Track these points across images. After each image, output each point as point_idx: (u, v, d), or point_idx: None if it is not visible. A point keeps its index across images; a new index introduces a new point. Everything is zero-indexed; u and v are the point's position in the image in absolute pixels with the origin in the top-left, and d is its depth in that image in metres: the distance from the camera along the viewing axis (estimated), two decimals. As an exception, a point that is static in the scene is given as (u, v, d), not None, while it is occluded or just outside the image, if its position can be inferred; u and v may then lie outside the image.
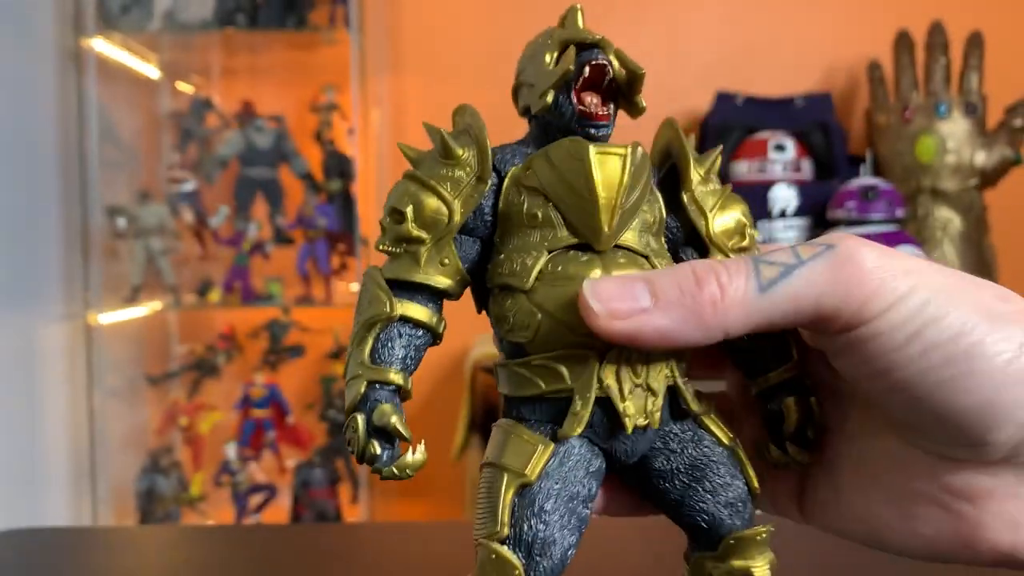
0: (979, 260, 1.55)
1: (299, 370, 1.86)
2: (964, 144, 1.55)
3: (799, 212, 1.53)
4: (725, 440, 0.32)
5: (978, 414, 0.27)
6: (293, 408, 1.79)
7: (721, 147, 0.35)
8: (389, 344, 0.30)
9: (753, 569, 0.31)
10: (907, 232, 1.49)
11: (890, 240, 1.42)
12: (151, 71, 1.86)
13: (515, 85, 0.34)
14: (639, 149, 0.31)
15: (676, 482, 0.32)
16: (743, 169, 1.61)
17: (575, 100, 0.31)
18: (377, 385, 0.29)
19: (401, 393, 0.30)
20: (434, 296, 0.31)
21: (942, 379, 0.27)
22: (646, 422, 0.30)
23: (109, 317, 1.69)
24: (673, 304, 0.28)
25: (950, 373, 0.27)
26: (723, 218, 0.33)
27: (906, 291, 0.28)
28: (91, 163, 1.66)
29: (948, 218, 1.55)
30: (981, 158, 1.55)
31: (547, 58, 0.32)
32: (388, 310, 0.30)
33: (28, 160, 1.58)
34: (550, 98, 0.31)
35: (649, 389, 0.30)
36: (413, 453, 0.29)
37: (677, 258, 0.33)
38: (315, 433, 1.79)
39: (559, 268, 0.30)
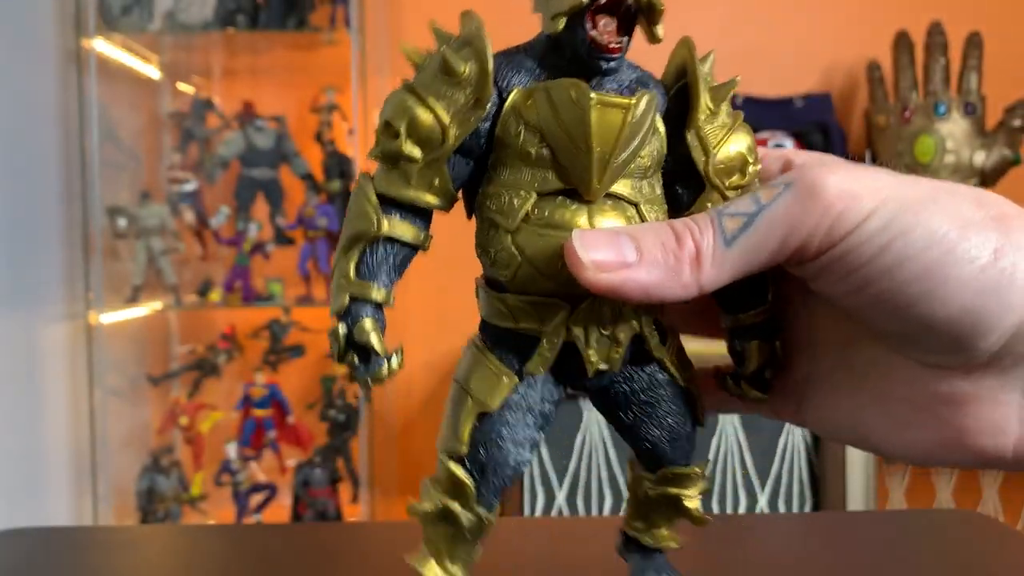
0: (979, 260, 1.55)
1: (299, 370, 1.87)
2: (963, 144, 1.55)
3: (799, 212, 1.53)
4: (681, 380, 0.34)
5: (958, 322, 0.27)
6: (293, 408, 1.79)
7: (739, 77, 0.34)
8: (373, 260, 0.31)
9: (683, 498, 0.35)
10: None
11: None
12: (152, 72, 1.86)
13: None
14: (643, 100, 0.30)
15: (629, 413, 0.34)
16: (743, 169, 1.61)
17: (588, 24, 0.30)
18: (360, 299, 0.30)
19: (383, 307, 0.31)
20: (422, 212, 0.31)
21: (920, 291, 0.27)
22: (607, 367, 0.32)
23: (110, 317, 1.69)
24: (656, 261, 0.28)
25: (927, 284, 0.27)
26: (727, 149, 0.32)
27: (873, 207, 0.28)
28: (92, 163, 1.66)
29: (948, 218, 1.56)
30: (980, 158, 1.55)
31: None
32: (375, 228, 0.30)
33: (29, 160, 1.58)
34: (562, 24, 0.30)
35: (615, 339, 0.31)
36: (388, 364, 0.30)
37: (672, 191, 0.33)
38: (315, 433, 1.79)
39: (545, 213, 0.30)
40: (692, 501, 0.35)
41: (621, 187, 0.31)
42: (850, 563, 0.52)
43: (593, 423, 1.29)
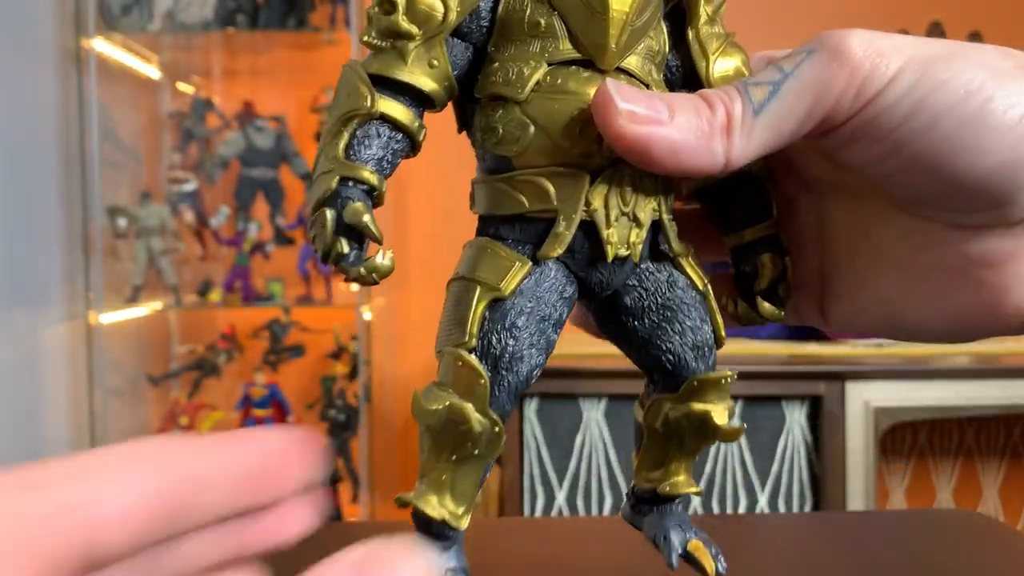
0: (979, 260, 1.55)
1: (299, 370, 1.87)
2: (964, 144, 1.55)
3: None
4: (699, 284, 0.32)
5: (999, 175, 0.26)
6: (293, 408, 1.79)
7: None
8: (366, 141, 0.28)
9: (712, 412, 0.31)
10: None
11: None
12: (152, 71, 1.86)
13: None
14: None
15: (646, 320, 0.31)
16: (743, 169, 1.61)
17: None
18: (350, 182, 0.27)
19: (374, 197, 0.28)
20: (417, 100, 0.29)
21: (958, 145, 0.26)
22: (627, 253, 0.30)
23: (110, 317, 1.69)
24: (688, 124, 0.27)
25: (965, 138, 0.26)
26: (724, 63, 0.32)
27: (901, 64, 0.27)
28: (92, 163, 1.66)
29: (948, 218, 1.56)
30: (981, 158, 1.55)
31: None
32: (369, 105, 0.28)
33: (29, 160, 1.58)
34: None
35: (635, 219, 0.29)
36: (384, 256, 0.28)
37: None
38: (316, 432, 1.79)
39: (558, 81, 0.28)
40: (721, 417, 0.31)
41: (633, 64, 0.29)
42: (850, 563, 0.52)
43: (593, 423, 1.29)
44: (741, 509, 1.32)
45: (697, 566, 0.32)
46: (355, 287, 1.73)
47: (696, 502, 1.33)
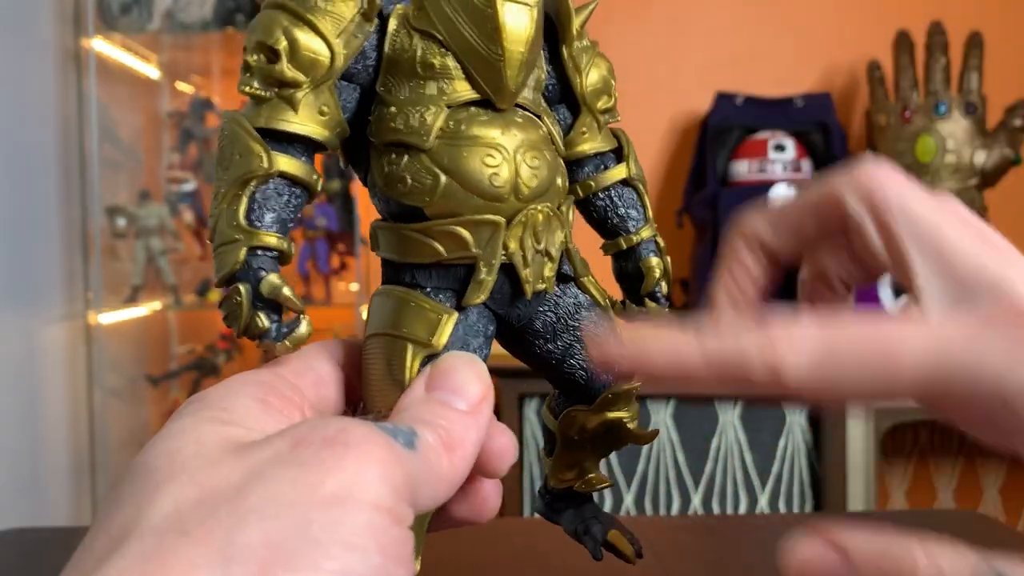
0: (979, 260, 1.55)
1: (299, 370, 1.86)
2: (964, 144, 1.55)
3: (799, 212, 1.53)
4: (601, 301, 0.33)
5: None
6: (293, 408, 1.79)
7: (596, 2, 0.33)
8: (267, 204, 0.27)
9: (625, 420, 0.33)
10: (907, 232, 1.49)
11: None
12: (151, 71, 1.86)
13: None
14: (541, 1, 0.29)
15: (558, 342, 0.32)
16: (743, 169, 1.61)
17: None
18: (259, 251, 0.26)
19: (282, 258, 0.27)
20: (309, 148, 0.28)
21: None
22: (543, 287, 0.30)
23: (109, 317, 1.69)
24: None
25: None
26: (593, 77, 0.33)
27: None
28: (91, 163, 1.66)
29: (948, 218, 1.55)
30: (981, 158, 1.55)
31: None
32: (265, 165, 0.26)
33: (28, 160, 1.58)
34: None
35: (547, 255, 0.30)
36: (304, 323, 0.27)
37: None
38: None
39: (462, 127, 0.28)
40: (632, 422, 0.34)
41: (527, 99, 0.29)
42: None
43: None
44: (741, 509, 1.32)
45: (618, 553, 0.35)
46: (354, 287, 1.74)
47: (696, 502, 1.33)
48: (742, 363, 0.24)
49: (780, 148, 1.60)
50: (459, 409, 0.25)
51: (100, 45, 1.68)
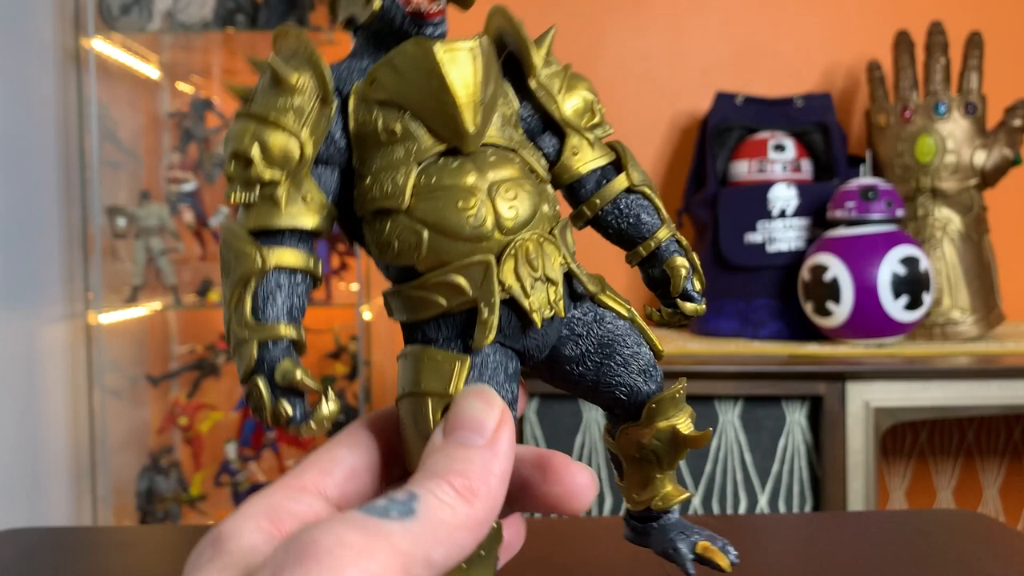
0: (978, 260, 1.55)
1: (299, 370, 1.86)
2: (964, 144, 1.55)
3: (799, 212, 1.53)
4: (624, 312, 0.32)
5: None
6: (293, 408, 1.79)
7: (555, 26, 0.34)
8: (270, 297, 0.28)
9: (678, 425, 0.33)
10: (906, 232, 1.49)
11: (889, 240, 1.42)
12: (151, 71, 1.86)
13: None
14: (484, 40, 0.30)
15: (589, 363, 0.32)
16: (743, 169, 1.61)
17: (402, 2, 0.29)
18: (269, 344, 0.28)
19: (296, 347, 0.28)
20: (304, 237, 0.29)
21: None
22: (552, 312, 0.30)
23: (109, 317, 1.69)
24: None
25: None
26: (572, 100, 0.33)
27: None
28: (91, 163, 1.66)
29: (948, 218, 1.55)
30: (980, 158, 1.55)
31: None
32: (260, 264, 0.28)
33: (28, 160, 1.58)
34: (378, 3, 0.29)
35: (548, 280, 0.30)
36: (326, 403, 0.28)
37: (536, 147, 0.33)
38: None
39: (433, 180, 0.28)
40: (686, 426, 0.33)
41: (494, 135, 0.30)
42: (850, 563, 0.51)
43: (593, 423, 1.29)
44: (741, 509, 1.32)
45: (712, 565, 0.34)
46: (354, 287, 1.74)
47: (696, 502, 1.33)
48: None
49: (780, 148, 1.60)
50: (477, 446, 0.25)
51: (100, 45, 1.68)
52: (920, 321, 1.45)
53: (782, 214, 1.54)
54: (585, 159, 0.33)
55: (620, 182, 0.34)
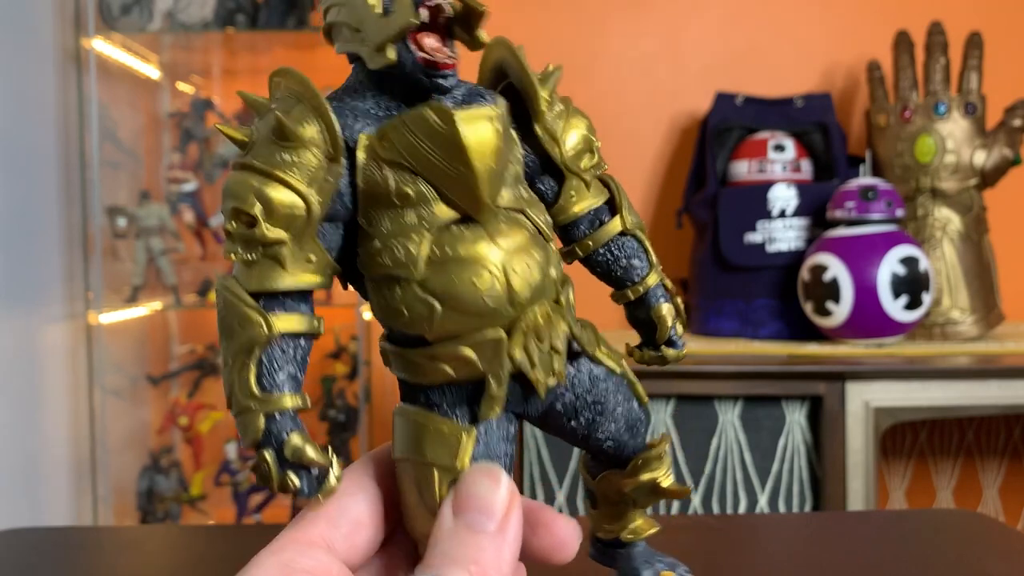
0: (978, 260, 1.55)
1: (299, 370, 1.86)
2: (963, 144, 1.55)
3: (798, 212, 1.53)
4: (617, 368, 0.33)
5: None
6: (293, 408, 1.79)
7: (561, 66, 0.33)
8: (274, 365, 0.27)
9: (659, 480, 0.34)
10: (906, 232, 1.49)
11: (889, 240, 1.42)
12: (152, 71, 1.86)
13: (327, 23, 0.30)
14: (502, 103, 0.29)
15: (581, 419, 0.32)
16: (743, 169, 1.61)
17: (414, 47, 0.28)
18: (276, 415, 0.27)
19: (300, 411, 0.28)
20: (305, 296, 0.29)
21: None
22: (555, 381, 0.30)
23: (110, 317, 1.69)
24: None
25: None
26: (571, 136, 0.32)
27: None
28: (91, 163, 1.66)
29: (947, 218, 1.55)
30: (980, 158, 1.55)
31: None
32: (266, 331, 0.27)
33: (28, 160, 1.58)
34: (392, 54, 0.27)
35: (553, 350, 0.30)
36: (333, 474, 0.28)
37: (535, 188, 0.32)
38: (315, 432, 1.79)
39: (447, 250, 0.28)
40: (667, 479, 0.34)
41: (505, 198, 0.29)
42: (850, 563, 0.51)
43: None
44: (741, 509, 1.32)
45: None
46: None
47: (696, 502, 1.33)
48: None
49: (780, 148, 1.60)
50: (488, 531, 0.26)
51: (100, 45, 1.68)
52: (920, 321, 1.45)
53: (782, 214, 1.54)
54: (581, 200, 0.33)
55: (614, 226, 0.34)
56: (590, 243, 0.34)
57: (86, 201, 1.67)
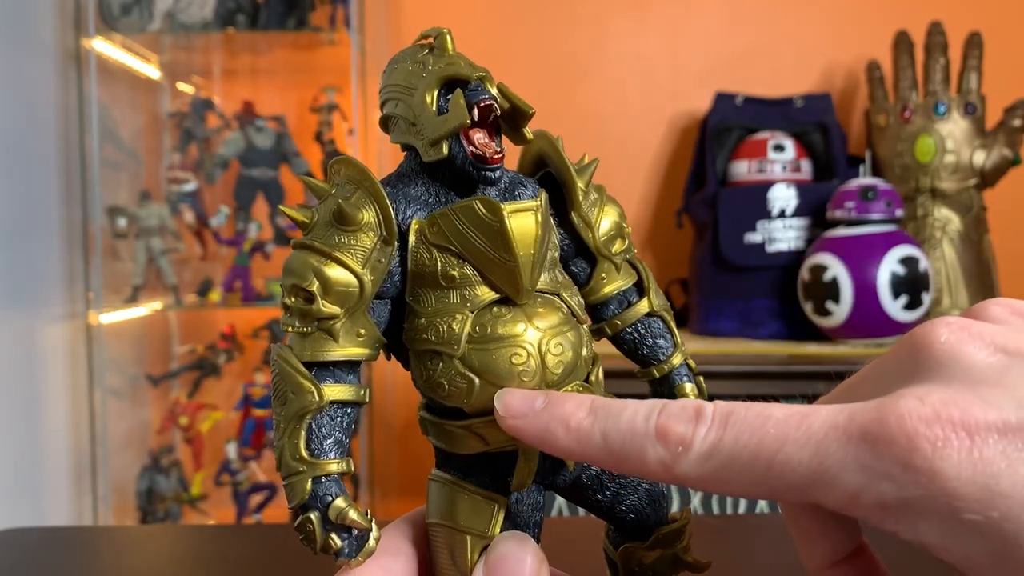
0: (978, 260, 1.55)
1: (299, 370, 1.86)
2: (963, 144, 1.55)
3: (798, 212, 1.53)
4: None
5: None
6: (293, 408, 1.79)
7: (597, 159, 0.35)
8: (323, 431, 0.29)
9: (680, 553, 0.35)
10: (906, 232, 1.49)
11: (889, 240, 1.42)
12: (152, 72, 1.86)
13: (384, 115, 0.32)
14: (543, 198, 0.31)
15: (607, 491, 0.34)
16: (742, 169, 1.61)
17: (465, 142, 0.30)
18: (323, 479, 0.29)
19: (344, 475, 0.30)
20: (354, 367, 0.31)
21: None
22: None
23: (110, 317, 1.69)
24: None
25: None
26: (604, 222, 0.34)
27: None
28: (92, 163, 1.66)
29: (947, 218, 1.56)
30: (980, 158, 1.55)
31: (428, 98, 0.30)
32: (317, 399, 0.29)
33: (29, 160, 1.58)
34: (446, 149, 0.30)
35: None
36: (373, 538, 0.29)
37: (568, 271, 0.34)
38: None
39: (487, 330, 0.29)
40: (686, 553, 0.35)
41: (541, 281, 0.31)
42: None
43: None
44: (741, 509, 1.32)
45: None
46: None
47: (696, 502, 1.33)
48: (639, 455, 0.26)
49: (779, 148, 1.60)
50: None
51: (101, 45, 1.68)
52: (919, 321, 1.45)
53: (782, 214, 1.54)
54: (612, 282, 0.35)
55: (642, 306, 0.35)
56: (618, 322, 0.35)
57: (86, 201, 1.67)
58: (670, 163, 1.86)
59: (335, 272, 0.29)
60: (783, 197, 1.54)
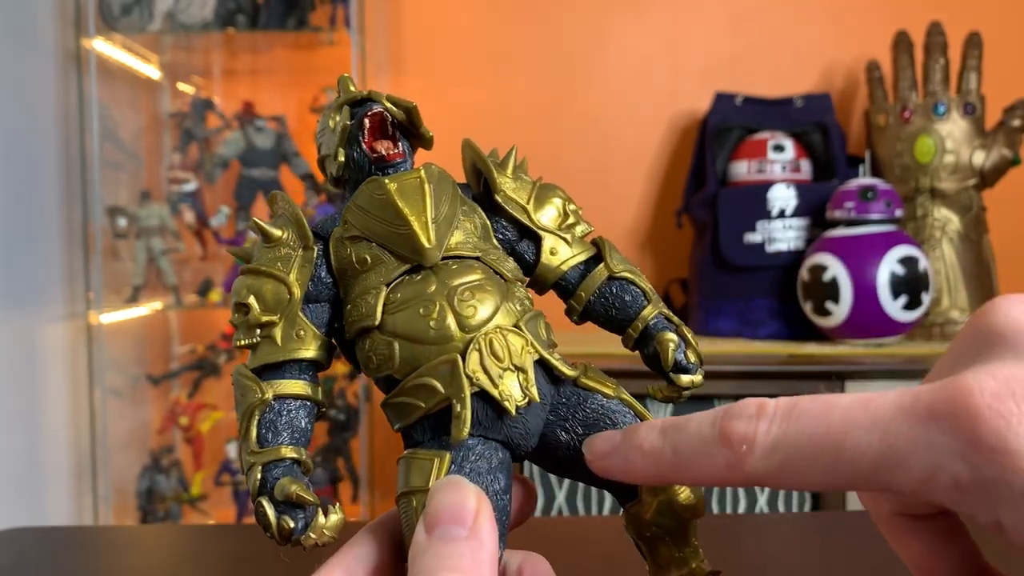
0: (977, 260, 1.55)
1: (299, 370, 1.86)
2: (963, 144, 1.55)
3: (798, 212, 1.54)
4: (610, 392, 0.33)
5: None
6: (293, 408, 1.79)
7: (515, 147, 0.36)
8: (273, 425, 0.31)
9: (675, 495, 0.33)
10: (906, 232, 1.49)
11: (889, 240, 1.42)
12: (152, 72, 1.86)
13: (319, 160, 0.36)
14: (432, 166, 0.33)
15: (580, 444, 0.32)
16: (742, 169, 1.61)
17: (367, 150, 0.33)
18: (271, 466, 0.30)
19: (301, 466, 0.31)
20: (304, 368, 0.32)
21: None
22: (526, 398, 0.31)
23: (110, 317, 1.69)
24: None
25: None
26: (547, 210, 0.35)
27: None
28: (92, 163, 1.66)
29: (947, 218, 1.56)
30: (980, 158, 1.55)
31: (331, 124, 0.34)
32: (261, 395, 0.31)
33: (29, 160, 1.58)
34: (342, 156, 0.34)
35: (517, 368, 0.31)
36: (323, 513, 0.30)
37: (516, 254, 0.35)
38: (315, 432, 1.79)
39: (399, 295, 0.31)
40: (682, 493, 0.34)
41: (456, 247, 0.32)
42: (850, 563, 0.52)
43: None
44: (741, 509, 1.32)
45: None
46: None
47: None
48: (709, 461, 0.26)
49: (779, 148, 1.60)
50: (461, 537, 0.26)
51: (101, 45, 1.68)
52: (919, 321, 1.45)
53: (781, 214, 1.54)
54: (564, 257, 0.35)
55: (600, 272, 0.35)
56: (582, 293, 0.35)
57: (87, 201, 1.67)
58: (670, 163, 1.86)
59: (266, 284, 0.32)
60: (783, 197, 1.54)
